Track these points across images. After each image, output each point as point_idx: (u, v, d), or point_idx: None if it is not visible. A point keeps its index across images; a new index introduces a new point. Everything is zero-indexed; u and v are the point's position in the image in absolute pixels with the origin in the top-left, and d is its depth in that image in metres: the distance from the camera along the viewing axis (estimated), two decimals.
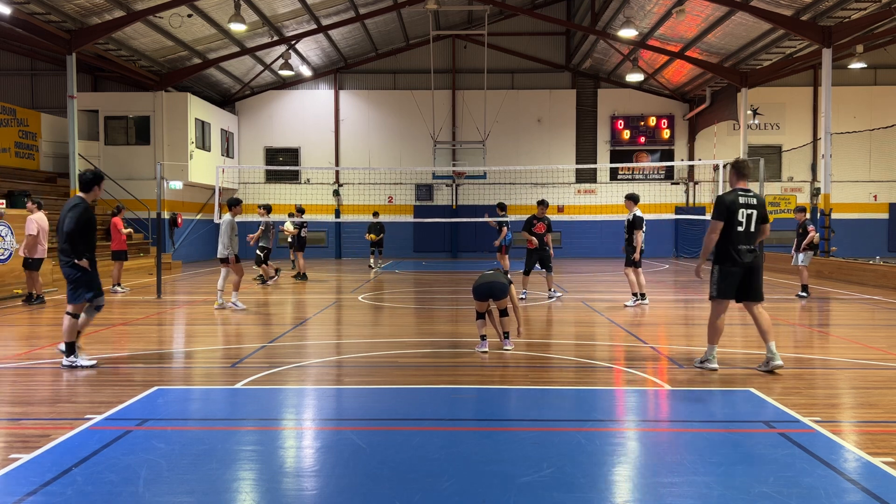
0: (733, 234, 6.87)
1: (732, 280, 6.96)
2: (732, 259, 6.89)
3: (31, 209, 12.87)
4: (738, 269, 6.92)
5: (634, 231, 12.16)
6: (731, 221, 6.87)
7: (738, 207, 6.89)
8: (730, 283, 6.98)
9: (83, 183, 7.45)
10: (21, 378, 6.83)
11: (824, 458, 4.40)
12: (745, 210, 6.90)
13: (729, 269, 6.93)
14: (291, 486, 4.05)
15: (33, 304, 12.77)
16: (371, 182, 29.34)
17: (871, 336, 9.34)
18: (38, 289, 13.03)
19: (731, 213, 6.88)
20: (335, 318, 11.35)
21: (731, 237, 6.88)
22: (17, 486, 3.96)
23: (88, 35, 19.50)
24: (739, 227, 6.88)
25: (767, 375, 6.79)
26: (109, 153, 24.11)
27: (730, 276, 6.94)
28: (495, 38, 28.55)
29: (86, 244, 7.25)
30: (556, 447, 4.63)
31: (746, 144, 25.33)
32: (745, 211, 6.90)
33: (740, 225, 6.89)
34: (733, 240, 6.88)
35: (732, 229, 6.87)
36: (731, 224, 6.87)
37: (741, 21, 21.16)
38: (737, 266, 6.90)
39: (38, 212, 12.84)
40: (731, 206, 6.89)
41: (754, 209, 6.95)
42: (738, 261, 6.89)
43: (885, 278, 16.14)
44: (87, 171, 7.65)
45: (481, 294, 8.06)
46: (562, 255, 29.16)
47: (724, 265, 6.96)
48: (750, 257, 6.91)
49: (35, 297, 12.90)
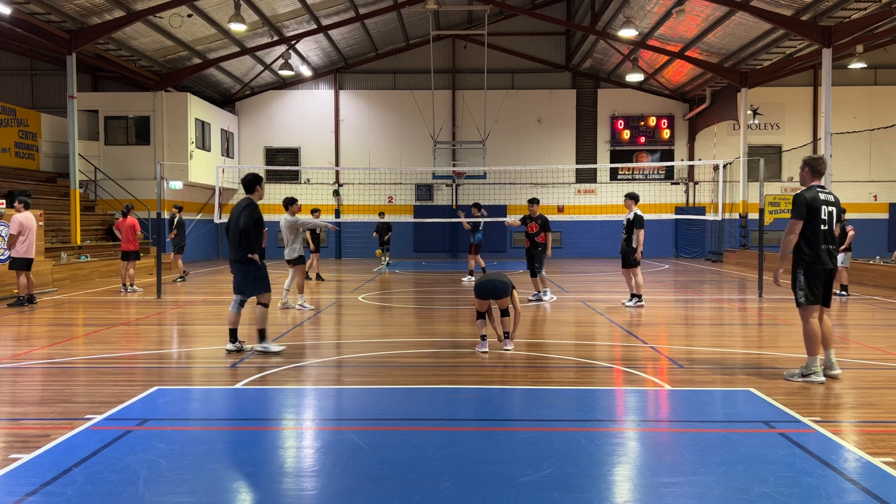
0: (818, 234, 6.45)
1: (819, 282, 6.52)
2: (820, 260, 6.47)
3: (18, 208, 12.71)
4: (822, 270, 6.51)
5: (635, 230, 12.16)
6: (813, 220, 6.43)
7: (819, 204, 6.43)
8: (817, 286, 6.53)
9: (246, 184, 8.08)
10: (21, 378, 6.83)
11: (824, 458, 4.39)
12: (826, 207, 6.47)
13: (817, 271, 6.50)
14: (291, 486, 4.05)
15: (24, 305, 12.52)
16: (371, 182, 29.33)
17: (871, 336, 9.34)
18: (30, 288, 12.78)
19: (814, 211, 6.42)
20: (335, 318, 11.35)
21: (814, 237, 6.45)
22: (17, 486, 3.96)
23: (88, 35, 19.50)
24: (823, 227, 6.45)
25: (767, 375, 6.78)
26: (109, 153, 24.10)
27: (816, 278, 6.51)
28: (495, 38, 28.55)
29: (257, 241, 7.87)
30: (556, 447, 4.63)
31: (746, 144, 25.34)
32: (827, 208, 6.48)
33: (824, 224, 6.45)
34: (819, 239, 6.45)
35: (816, 228, 6.44)
36: (813, 223, 6.44)
37: (741, 21, 21.16)
38: (822, 267, 6.49)
39: (24, 211, 12.66)
40: (812, 203, 6.43)
41: (834, 206, 6.56)
42: (824, 262, 6.47)
43: (886, 278, 16.14)
44: (249, 174, 8.17)
45: (483, 293, 8.07)
46: (562, 255, 29.19)
47: (810, 268, 6.51)
48: (832, 260, 6.53)
49: (26, 299, 12.63)
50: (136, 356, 7.91)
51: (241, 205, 7.96)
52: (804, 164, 6.74)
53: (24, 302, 12.64)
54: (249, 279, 7.96)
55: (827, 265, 6.49)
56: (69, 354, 8.06)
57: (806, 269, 6.52)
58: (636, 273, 12.38)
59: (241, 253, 7.82)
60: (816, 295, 6.54)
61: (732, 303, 13.45)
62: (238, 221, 7.81)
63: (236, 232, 7.83)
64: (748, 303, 13.25)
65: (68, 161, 20.34)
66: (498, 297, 8.03)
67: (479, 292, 8.09)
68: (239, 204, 8.03)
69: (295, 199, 12.18)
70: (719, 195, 19.21)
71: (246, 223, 7.76)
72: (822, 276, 6.53)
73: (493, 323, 8.42)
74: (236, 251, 7.87)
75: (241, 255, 7.83)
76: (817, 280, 6.52)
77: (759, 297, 13.75)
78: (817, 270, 6.50)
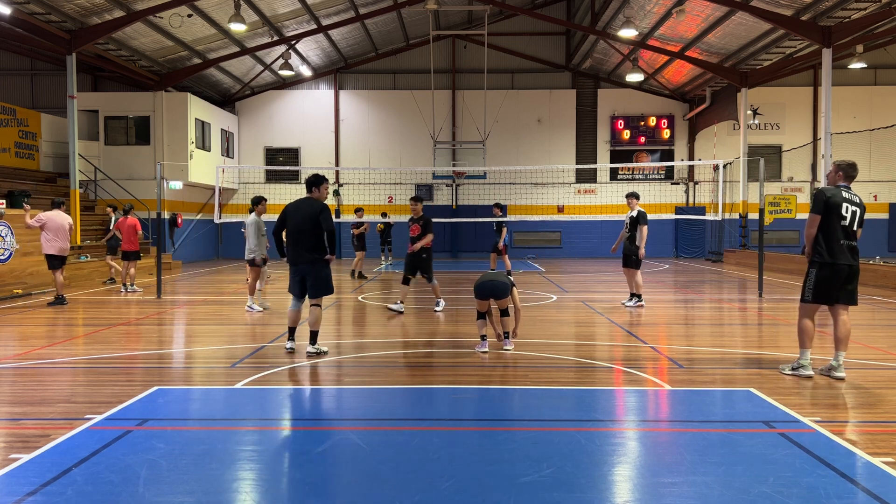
0: (836, 229, 6.49)
1: (833, 282, 6.55)
2: (835, 255, 6.50)
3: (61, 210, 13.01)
4: (837, 267, 6.52)
5: (639, 226, 12.12)
6: (830, 215, 6.48)
7: (840, 201, 6.50)
8: (829, 286, 6.57)
9: (313, 183, 7.92)
10: (21, 378, 6.83)
11: (824, 458, 4.39)
12: (848, 206, 6.53)
13: (832, 271, 6.53)
14: (291, 486, 4.05)
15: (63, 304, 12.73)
16: (371, 182, 29.33)
17: (871, 336, 9.33)
18: (58, 289, 12.91)
19: (831, 207, 6.48)
20: (335, 318, 11.34)
21: (832, 232, 6.50)
22: (17, 486, 3.96)
23: (88, 35, 19.50)
24: (843, 222, 6.50)
25: (767, 375, 6.78)
26: (109, 153, 24.10)
27: (830, 278, 6.54)
28: (495, 38, 28.55)
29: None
30: (556, 447, 4.63)
31: (746, 144, 25.34)
32: (850, 207, 6.54)
33: (843, 220, 6.50)
34: (836, 235, 6.49)
35: (834, 224, 6.49)
36: (831, 218, 6.49)
37: (741, 21, 21.16)
38: (837, 262, 6.51)
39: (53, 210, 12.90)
40: (831, 198, 6.49)
41: (858, 207, 6.60)
42: (839, 257, 6.50)
43: (886, 278, 16.14)
44: (312, 175, 8.02)
45: (483, 293, 8.08)
46: (562, 255, 29.20)
47: (823, 266, 6.55)
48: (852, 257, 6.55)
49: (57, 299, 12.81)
50: (136, 356, 7.91)
51: (317, 207, 7.72)
52: (836, 167, 6.77)
53: (62, 301, 12.82)
54: (322, 280, 7.80)
55: (843, 261, 6.49)
56: (69, 354, 8.06)
57: (819, 267, 6.58)
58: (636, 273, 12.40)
59: (316, 254, 7.68)
60: (823, 294, 6.58)
61: (732, 303, 13.45)
62: (317, 222, 7.64)
63: (312, 232, 7.65)
64: (748, 303, 13.25)
65: (68, 161, 20.34)
66: (498, 297, 8.05)
67: (479, 292, 8.10)
68: (311, 204, 7.77)
69: (263, 198, 12.09)
70: (719, 195, 19.22)
71: (330, 226, 7.66)
72: (839, 274, 6.52)
73: (493, 323, 8.42)
74: (311, 251, 7.68)
75: (315, 256, 7.68)
76: (831, 280, 6.54)
77: (759, 297, 13.76)
78: (832, 269, 6.51)
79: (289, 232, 7.85)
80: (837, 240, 6.50)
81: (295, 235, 7.76)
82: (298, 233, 7.72)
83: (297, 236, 7.73)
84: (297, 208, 7.83)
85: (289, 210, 7.94)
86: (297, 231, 7.73)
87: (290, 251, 7.89)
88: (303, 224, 7.68)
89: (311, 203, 7.81)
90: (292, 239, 7.80)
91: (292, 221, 7.80)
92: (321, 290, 7.83)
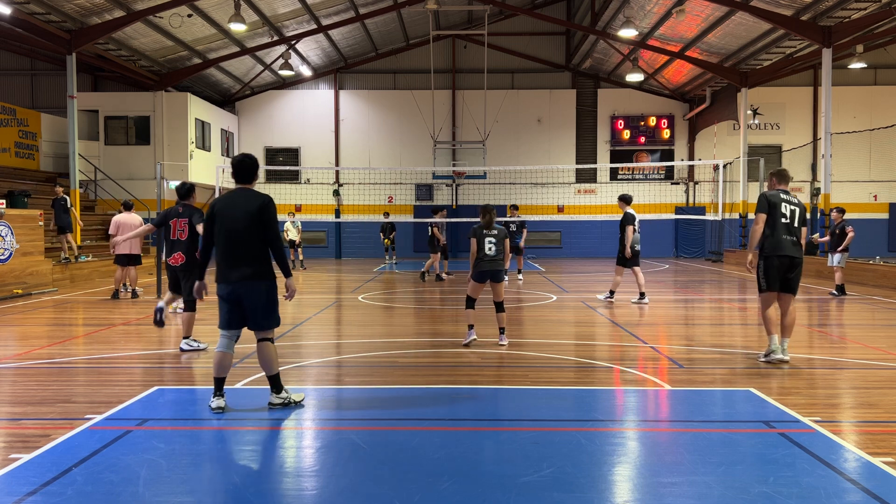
0: (779, 224, 7.31)
1: (778, 271, 7.35)
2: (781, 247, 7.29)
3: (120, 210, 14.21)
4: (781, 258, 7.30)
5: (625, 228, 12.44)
6: (774, 212, 7.33)
7: (779, 201, 7.37)
8: (775, 275, 7.37)
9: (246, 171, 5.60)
10: (21, 378, 6.83)
11: (824, 458, 4.39)
12: (786, 204, 7.39)
13: (776, 261, 7.32)
14: (291, 486, 4.05)
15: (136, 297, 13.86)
16: (371, 182, 29.33)
17: (871, 336, 9.34)
18: (132, 283, 14.00)
19: (773, 205, 7.35)
20: (335, 318, 11.35)
21: (775, 226, 7.31)
22: (17, 486, 3.96)
23: (88, 35, 19.49)
24: (784, 219, 7.32)
25: (767, 375, 6.78)
26: (109, 153, 24.09)
27: (775, 268, 7.34)
28: (495, 38, 28.54)
29: None
30: (556, 447, 4.63)
31: (746, 144, 25.34)
32: (788, 206, 7.39)
33: (784, 217, 7.33)
34: (779, 229, 7.31)
35: (777, 220, 7.31)
36: (774, 215, 7.32)
37: (741, 21, 21.16)
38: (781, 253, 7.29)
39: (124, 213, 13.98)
40: (771, 199, 7.38)
41: (797, 207, 7.45)
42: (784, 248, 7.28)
43: (885, 278, 16.13)
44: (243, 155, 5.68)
45: (482, 276, 8.27)
46: (562, 255, 29.19)
47: (770, 257, 7.34)
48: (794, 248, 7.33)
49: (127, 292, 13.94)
50: (136, 356, 7.91)
51: (259, 201, 5.42)
52: (770, 175, 7.80)
53: (135, 294, 13.98)
54: (270, 304, 5.54)
55: (785, 251, 7.27)
56: (69, 354, 8.06)
57: (766, 258, 7.36)
58: (636, 272, 12.66)
59: (259, 266, 5.42)
60: (772, 283, 7.37)
61: (732, 302, 13.45)
62: (258, 222, 5.38)
63: (255, 236, 5.40)
64: (748, 303, 13.25)
65: (68, 161, 20.33)
66: (495, 279, 8.34)
67: (478, 275, 8.22)
68: (251, 198, 5.45)
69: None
70: (719, 195, 19.22)
71: (277, 228, 5.52)
72: (783, 263, 7.29)
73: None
74: (253, 263, 5.39)
75: (259, 270, 5.42)
76: (776, 270, 7.32)
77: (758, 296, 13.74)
78: (776, 260, 7.28)
79: (218, 238, 5.48)
80: (781, 235, 7.31)
81: (228, 242, 5.42)
82: (233, 238, 5.40)
83: (232, 243, 5.41)
84: (232, 204, 5.47)
85: (218, 207, 5.52)
86: (232, 236, 5.41)
87: (220, 264, 5.48)
88: (239, 224, 5.38)
89: (250, 196, 5.48)
90: (224, 248, 5.44)
91: (223, 223, 5.45)
92: (270, 318, 5.58)
